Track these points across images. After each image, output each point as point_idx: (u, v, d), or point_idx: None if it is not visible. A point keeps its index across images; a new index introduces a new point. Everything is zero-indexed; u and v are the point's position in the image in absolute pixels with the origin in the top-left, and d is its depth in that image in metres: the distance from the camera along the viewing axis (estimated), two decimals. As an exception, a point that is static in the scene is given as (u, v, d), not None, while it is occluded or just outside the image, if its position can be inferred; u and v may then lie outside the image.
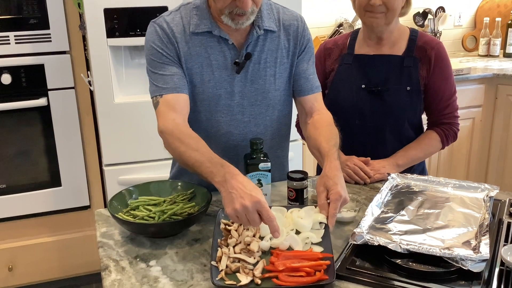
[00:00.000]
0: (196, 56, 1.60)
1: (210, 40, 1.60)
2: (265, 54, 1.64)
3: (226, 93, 1.63)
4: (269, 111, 1.69)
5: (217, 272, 1.23)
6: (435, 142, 1.92)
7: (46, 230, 3.03)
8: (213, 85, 1.61)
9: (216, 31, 1.59)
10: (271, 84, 1.66)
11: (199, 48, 1.60)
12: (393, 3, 1.78)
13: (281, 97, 1.71)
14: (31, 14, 2.70)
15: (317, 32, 3.62)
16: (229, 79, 1.62)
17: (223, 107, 1.64)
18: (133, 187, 1.59)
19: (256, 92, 1.65)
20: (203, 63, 1.61)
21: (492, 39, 3.95)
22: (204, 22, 1.59)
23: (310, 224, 1.35)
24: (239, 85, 1.63)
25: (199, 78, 1.61)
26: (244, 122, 1.67)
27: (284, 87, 1.70)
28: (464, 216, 1.43)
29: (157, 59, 1.59)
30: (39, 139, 2.89)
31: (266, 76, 1.65)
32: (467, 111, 3.38)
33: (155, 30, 1.60)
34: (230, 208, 1.28)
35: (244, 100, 1.65)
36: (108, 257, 1.37)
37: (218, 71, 1.61)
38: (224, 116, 1.65)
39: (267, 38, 1.64)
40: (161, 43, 1.59)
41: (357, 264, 1.27)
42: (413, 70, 1.87)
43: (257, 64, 1.64)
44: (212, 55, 1.61)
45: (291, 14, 1.71)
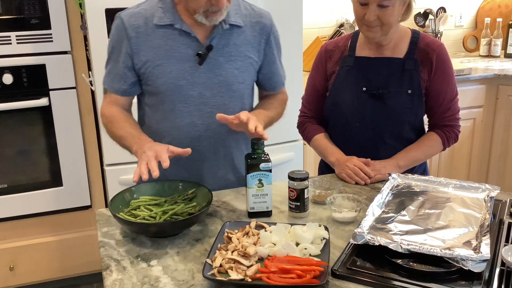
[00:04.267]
0: (157, 48, 1.65)
1: (172, 33, 1.65)
2: (230, 48, 1.69)
3: (188, 83, 1.67)
4: (232, 103, 1.73)
5: (210, 269, 1.25)
6: (436, 143, 1.92)
7: (47, 229, 3.04)
8: (175, 76, 1.66)
9: (178, 25, 1.64)
10: (235, 77, 1.71)
11: (160, 40, 1.65)
12: (388, 18, 1.76)
13: (245, 90, 1.76)
14: (33, 14, 2.70)
15: (318, 32, 3.62)
16: (191, 70, 1.66)
17: (185, 97, 1.68)
18: (134, 187, 1.60)
19: (219, 83, 1.69)
20: (164, 55, 1.65)
21: (493, 40, 3.95)
22: (167, 15, 1.65)
23: (311, 237, 1.35)
24: (202, 76, 1.68)
25: (161, 70, 1.66)
26: (207, 112, 1.70)
27: (249, 82, 1.77)
28: (465, 216, 1.43)
29: (110, 52, 1.71)
30: (41, 139, 2.89)
31: (229, 69, 1.70)
32: (468, 111, 3.38)
33: (116, 24, 1.68)
34: (139, 163, 1.48)
35: (207, 91, 1.69)
36: (109, 256, 1.37)
37: (180, 63, 1.66)
38: (186, 106, 1.69)
39: (233, 32, 1.69)
40: (117, 37, 1.67)
41: (358, 264, 1.27)
42: (414, 72, 1.86)
43: (221, 57, 1.68)
44: (173, 47, 1.65)
45: (258, 10, 1.77)
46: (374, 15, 1.75)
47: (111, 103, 1.75)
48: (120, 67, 1.69)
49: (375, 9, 1.74)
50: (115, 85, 1.72)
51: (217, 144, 1.75)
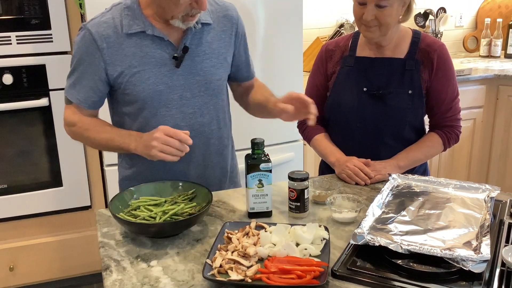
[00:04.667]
0: (132, 56, 1.62)
1: (145, 39, 1.63)
2: (203, 47, 1.69)
3: (167, 87, 1.66)
4: (212, 101, 1.74)
5: (210, 269, 1.25)
6: (437, 144, 1.92)
7: (47, 230, 3.03)
8: (153, 81, 1.64)
9: (150, 31, 1.62)
10: (212, 74, 1.71)
11: (134, 48, 1.62)
12: (386, 18, 1.76)
13: (222, 86, 1.78)
14: (33, 14, 2.70)
15: (318, 32, 3.62)
16: (169, 74, 1.66)
17: (166, 101, 1.67)
18: (134, 187, 1.60)
19: (198, 83, 1.70)
20: (140, 62, 1.63)
21: (493, 40, 3.95)
22: (136, 22, 1.62)
23: (311, 237, 1.35)
24: (181, 78, 1.67)
25: (138, 77, 1.63)
26: (190, 113, 1.70)
27: (225, 77, 1.78)
28: (465, 216, 1.43)
29: (76, 63, 1.66)
30: (40, 139, 2.89)
31: (206, 67, 1.70)
32: (468, 111, 3.38)
33: (83, 35, 1.63)
34: (152, 149, 1.50)
35: (187, 92, 1.69)
36: (109, 257, 1.37)
37: (156, 68, 1.64)
38: (168, 110, 1.68)
39: (203, 31, 1.69)
40: (86, 49, 1.62)
41: (358, 265, 1.27)
42: (415, 73, 1.86)
43: (196, 57, 1.68)
44: (148, 54, 1.63)
45: (223, 4, 1.77)
46: (372, 15, 1.75)
47: (76, 113, 1.70)
48: (90, 80, 1.64)
49: (373, 9, 1.74)
50: (81, 97, 1.66)
51: (202, 144, 1.75)
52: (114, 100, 1.73)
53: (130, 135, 1.63)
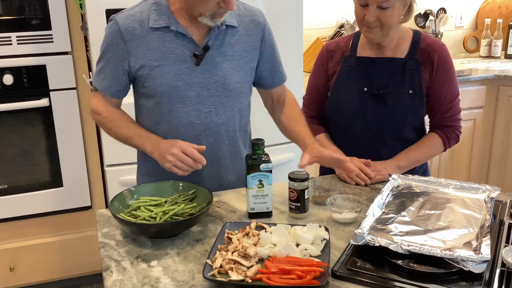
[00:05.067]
0: (154, 50, 1.66)
1: (168, 35, 1.66)
2: (225, 48, 1.70)
3: (185, 84, 1.68)
4: (229, 102, 1.74)
5: (210, 270, 1.25)
6: (437, 144, 1.92)
7: (47, 230, 3.03)
8: (172, 77, 1.66)
9: (174, 27, 1.65)
10: (231, 76, 1.72)
11: (157, 43, 1.66)
12: (387, 19, 1.76)
13: (242, 89, 1.76)
14: (33, 15, 2.71)
15: (318, 33, 3.62)
16: (188, 71, 1.67)
17: (183, 98, 1.69)
18: (134, 188, 1.60)
19: (216, 83, 1.70)
20: (161, 57, 1.66)
21: (494, 40, 3.95)
22: (162, 18, 1.65)
23: (311, 237, 1.35)
24: (199, 76, 1.68)
25: (158, 71, 1.66)
26: (205, 112, 1.71)
27: (246, 80, 1.77)
28: (465, 217, 1.43)
29: (103, 52, 1.71)
30: (41, 140, 2.89)
31: (226, 68, 1.71)
32: (468, 112, 3.38)
33: (110, 26, 1.68)
34: (166, 162, 1.59)
35: (204, 91, 1.70)
36: (110, 257, 1.37)
37: (176, 64, 1.67)
38: (184, 106, 1.70)
39: (227, 32, 1.71)
40: (112, 40, 1.67)
41: (358, 265, 1.27)
42: (416, 73, 1.86)
43: (217, 57, 1.69)
44: (170, 49, 1.66)
45: (251, 9, 1.78)
46: (374, 16, 1.75)
47: (103, 102, 1.75)
48: (113, 69, 1.69)
49: (375, 10, 1.74)
50: (105, 85, 1.72)
51: (217, 143, 1.75)
52: (135, 92, 1.78)
53: (149, 138, 1.68)
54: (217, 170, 1.78)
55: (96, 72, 1.75)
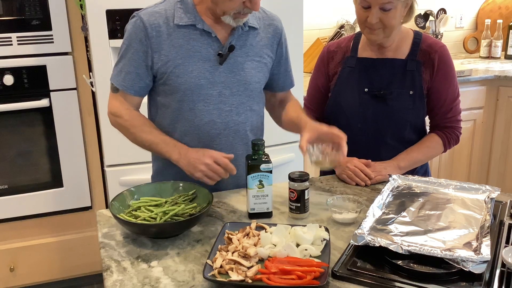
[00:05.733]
0: (179, 48, 1.66)
1: (193, 33, 1.67)
2: (247, 49, 1.73)
3: (208, 83, 1.68)
4: (249, 102, 1.76)
5: (210, 270, 1.25)
6: (437, 145, 1.92)
7: (47, 230, 3.04)
8: (195, 75, 1.67)
9: (200, 25, 1.66)
10: (252, 76, 1.74)
11: (182, 40, 1.66)
12: (390, 21, 1.76)
13: (260, 89, 1.80)
14: (34, 15, 2.71)
15: (318, 33, 3.62)
16: (211, 69, 1.68)
17: (205, 96, 1.69)
18: (134, 188, 1.60)
19: (238, 83, 1.72)
20: (186, 55, 1.66)
21: (494, 41, 3.95)
22: (188, 16, 1.66)
23: (311, 238, 1.35)
24: (222, 75, 1.70)
25: (182, 69, 1.66)
26: (226, 111, 1.72)
27: (263, 81, 1.80)
28: (465, 217, 1.43)
29: (125, 50, 1.69)
30: (41, 140, 2.89)
31: (247, 68, 1.73)
32: (468, 112, 3.38)
33: (134, 22, 1.68)
34: (197, 172, 1.60)
35: (226, 90, 1.71)
36: (110, 257, 1.37)
37: (200, 62, 1.67)
38: (206, 105, 1.70)
39: (249, 34, 1.73)
40: (135, 36, 1.67)
41: (358, 265, 1.27)
42: (416, 74, 1.86)
43: (239, 57, 1.71)
44: (195, 47, 1.67)
45: (270, 14, 1.83)
46: (377, 18, 1.75)
47: (124, 103, 1.73)
48: (137, 66, 1.67)
49: (378, 12, 1.74)
50: (128, 83, 1.69)
51: (235, 142, 1.76)
52: (153, 90, 1.76)
53: (175, 146, 1.67)
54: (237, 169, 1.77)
55: (117, 72, 1.72)
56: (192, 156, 1.62)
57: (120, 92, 1.72)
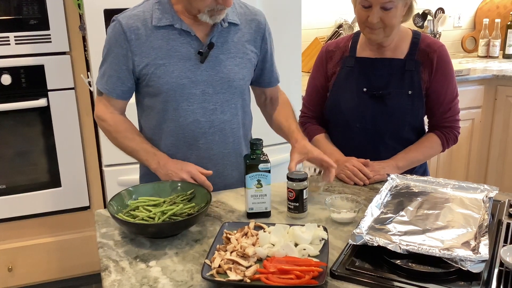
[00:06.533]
0: (159, 49, 1.66)
1: (172, 33, 1.67)
2: (229, 45, 1.72)
3: (190, 82, 1.69)
4: (234, 99, 1.76)
5: (209, 270, 1.25)
6: (436, 145, 1.92)
7: (46, 230, 3.03)
8: (177, 75, 1.67)
9: (178, 24, 1.66)
10: (236, 73, 1.73)
11: (161, 41, 1.66)
12: (390, 20, 1.76)
13: (245, 86, 1.79)
14: (31, 15, 2.70)
15: (316, 33, 3.62)
16: (193, 68, 1.68)
17: (188, 96, 1.70)
18: (132, 188, 1.60)
19: (221, 80, 1.72)
20: (166, 55, 1.66)
21: (492, 40, 3.95)
22: (166, 16, 1.66)
23: (310, 237, 1.34)
24: (204, 74, 1.69)
25: (163, 70, 1.67)
26: (210, 110, 1.72)
27: (248, 78, 1.79)
28: (464, 216, 1.43)
29: (106, 54, 1.71)
30: (39, 140, 2.89)
31: (230, 65, 1.72)
32: (466, 112, 3.38)
33: (114, 26, 1.68)
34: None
35: (209, 88, 1.71)
36: (108, 257, 1.37)
37: (181, 62, 1.67)
38: (189, 104, 1.70)
39: (230, 30, 1.72)
40: (115, 40, 1.67)
41: (357, 265, 1.27)
42: (415, 73, 1.86)
43: (221, 55, 1.71)
44: (174, 47, 1.67)
45: (252, 9, 1.80)
46: (378, 17, 1.75)
47: (109, 107, 1.75)
48: (118, 70, 1.69)
49: (378, 11, 1.74)
50: (110, 87, 1.71)
51: (222, 141, 1.76)
52: (138, 93, 1.77)
53: (155, 154, 1.70)
54: (223, 168, 1.79)
55: (100, 75, 1.74)
56: (170, 168, 1.65)
57: (104, 96, 1.74)
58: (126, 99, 1.77)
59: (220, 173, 1.78)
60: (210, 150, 1.74)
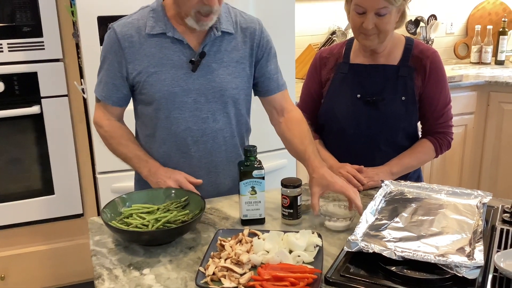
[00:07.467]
0: (151, 57, 1.67)
1: (165, 41, 1.67)
2: (221, 54, 1.71)
3: (182, 90, 1.69)
4: (227, 108, 1.74)
5: (203, 277, 1.24)
6: (429, 150, 1.93)
7: (39, 238, 3.02)
8: (169, 83, 1.67)
9: (170, 33, 1.66)
10: (228, 82, 1.72)
11: (154, 49, 1.67)
12: (385, 26, 1.77)
13: (239, 95, 1.76)
14: (25, 22, 2.70)
15: (310, 40, 3.63)
16: (184, 77, 1.68)
17: (180, 104, 1.70)
18: (126, 195, 1.59)
19: (213, 89, 1.71)
20: (158, 63, 1.67)
21: (484, 47, 3.98)
22: (159, 24, 1.67)
23: (304, 244, 1.34)
24: (196, 83, 1.69)
25: (155, 78, 1.67)
26: (202, 118, 1.72)
27: (243, 87, 1.76)
28: (458, 222, 1.43)
29: (102, 61, 1.73)
30: (32, 147, 2.87)
31: (222, 75, 1.71)
32: (459, 118, 3.39)
33: (108, 34, 1.70)
34: None
35: (201, 97, 1.70)
36: (101, 265, 1.36)
37: (173, 70, 1.67)
38: (181, 113, 1.71)
39: (224, 39, 1.71)
40: (110, 48, 1.69)
41: (352, 271, 1.27)
42: (408, 79, 1.87)
43: (213, 63, 1.70)
44: (167, 55, 1.67)
45: (248, 17, 1.79)
46: (372, 23, 1.75)
47: (106, 113, 1.76)
48: (113, 77, 1.70)
49: (373, 17, 1.75)
50: (106, 94, 1.73)
51: (214, 149, 1.76)
52: (134, 100, 1.78)
53: (146, 162, 1.72)
54: (215, 176, 1.79)
55: (97, 82, 1.76)
56: (159, 176, 1.67)
57: (101, 102, 1.76)
58: (122, 106, 1.77)
59: (213, 181, 1.78)
60: (202, 158, 1.74)
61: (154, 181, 1.67)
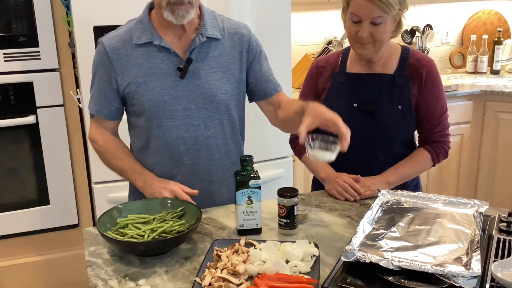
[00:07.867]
0: (139, 67, 1.68)
1: (152, 50, 1.68)
2: (209, 60, 1.71)
3: (172, 98, 1.69)
4: (218, 114, 1.74)
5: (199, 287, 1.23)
6: (426, 160, 1.92)
7: (34, 249, 3.00)
8: (158, 91, 1.68)
9: (157, 41, 1.67)
10: (218, 88, 1.72)
11: (141, 59, 1.68)
12: (380, 35, 1.78)
13: (230, 101, 1.76)
14: (21, 32, 2.70)
15: (306, 49, 3.64)
16: (173, 85, 1.69)
17: (170, 112, 1.70)
18: (122, 205, 1.58)
19: (203, 96, 1.71)
20: (147, 72, 1.68)
21: (479, 56, 3.99)
22: (145, 34, 1.68)
23: (301, 254, 1.34)
24: (186, 90, 1.70)
25: (144, 87, 1.68)
26: (193, 125, 1.72)
27: (234, 92, 1.76)
28: (455, 232, 1.43)
29: (93, 76, 1.75)
30: (28, 157, 2.86)
31: (212, 80, 1.71)
32: (455, 127, 3.40)
33: (98, 48, 1.72)
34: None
35: (192, 104, 1.71)
36: (97, 276, 1.35)
37: (162, 79, 1.68)
38: (172, 121, 1.71)
39: (211, 45, 1.72)
40: (99, 61, 1.71)
41: (349, 282, 1.26)
42: (405, 88, 1.87)
43: (201, 70, 1.70)
44: (155, 64, 1.68)
45: (235, 23, 1.79)
46: (367, 32, 1.76)
47: (100, 128, 1.78)
48: (104, 90, 1.71)
49: (368, 26, 1.75)
50: (98, 108, 1.74)
51: (207, 157, 1.75)
52: (127, 113, 1.79)
53: (141, 173, 1.72)
54: (209, 185, 1.78)
55: (90, 97, 1.77)
56: (155, 187, 1.66)
57: (95, 117, 1.77)
58: (115, 120, 1.77)
59: (207, 189, 1.78)
60: (195, 166, 1.74)
61: (150, 192, 1.67)
